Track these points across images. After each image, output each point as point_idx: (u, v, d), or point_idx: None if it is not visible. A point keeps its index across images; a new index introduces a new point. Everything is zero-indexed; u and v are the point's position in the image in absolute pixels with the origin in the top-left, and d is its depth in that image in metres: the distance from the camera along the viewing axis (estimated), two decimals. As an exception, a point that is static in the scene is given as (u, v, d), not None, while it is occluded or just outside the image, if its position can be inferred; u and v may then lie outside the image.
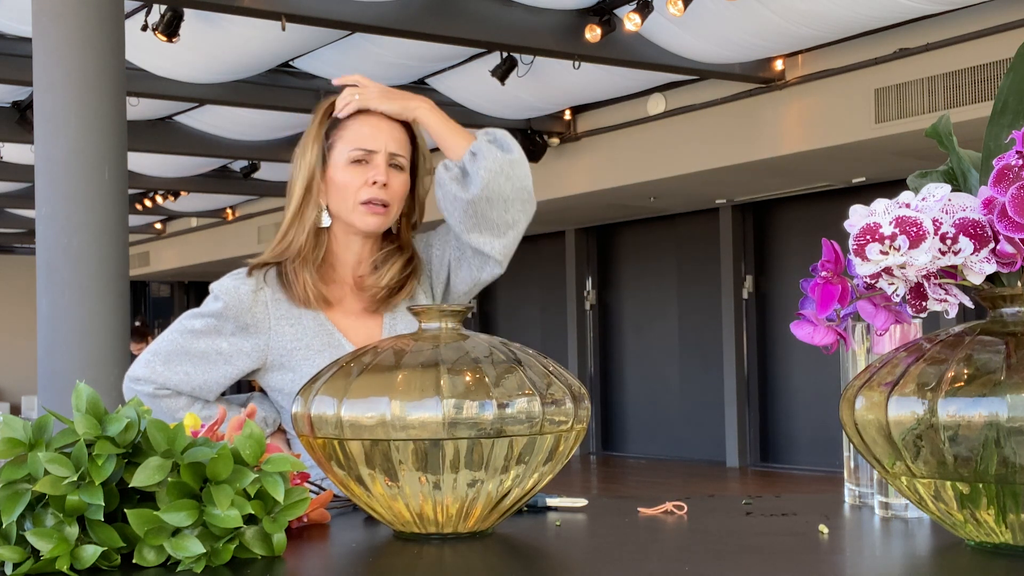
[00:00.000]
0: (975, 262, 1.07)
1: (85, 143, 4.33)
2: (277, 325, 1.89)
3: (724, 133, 8.76)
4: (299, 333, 1.89)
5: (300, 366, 1.87)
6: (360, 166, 1.90)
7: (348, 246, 1.94)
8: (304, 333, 1.89)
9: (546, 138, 10.08)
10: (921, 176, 1.20)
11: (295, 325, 1.89)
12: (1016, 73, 1.16)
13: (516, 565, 1.18)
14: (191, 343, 1.88)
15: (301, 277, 1.89)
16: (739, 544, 1.22)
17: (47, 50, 4.37)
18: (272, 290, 1.91)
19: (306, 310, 1.90)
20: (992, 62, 7.01)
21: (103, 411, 1.12)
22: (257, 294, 1.89)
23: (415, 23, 6.76)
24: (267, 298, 1.90)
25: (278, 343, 1.88)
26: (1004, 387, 1.05)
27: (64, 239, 4.31)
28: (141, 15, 6.75)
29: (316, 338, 1.89)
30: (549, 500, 1.47)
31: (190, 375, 1.87)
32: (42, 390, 4.44)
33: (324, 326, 1.90)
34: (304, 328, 1.89)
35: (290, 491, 1.15)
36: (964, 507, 1.09)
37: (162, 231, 16.82)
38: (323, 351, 1.87)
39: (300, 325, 1.89)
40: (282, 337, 1.88)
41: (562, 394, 1.24)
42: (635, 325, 12.58)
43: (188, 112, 9.84)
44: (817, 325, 1.20)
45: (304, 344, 1.88)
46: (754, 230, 11.23)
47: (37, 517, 1.08)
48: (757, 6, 6.85)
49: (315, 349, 1.88)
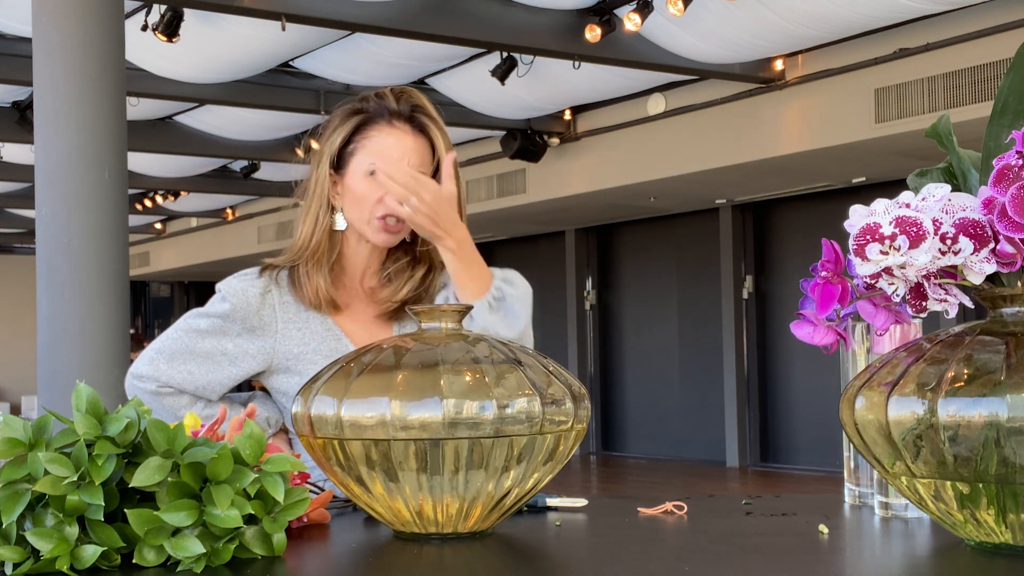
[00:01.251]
0: (975, 262, 1.07)
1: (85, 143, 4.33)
2: (285, 328, 1.87)
3: (724, 133, 8.76)
4: (306, 337, 1.87)
5: (306, 370, 1.85)
6: (377, 180, 1.85)
7: (359, 252, 1.92)
8: (312, 337, 1.88)
9: (546, 138, 10.08)
10: (921, 176, 1.20)
11: (302, 329, 1.88)
12: (1016, 73, 1.16)
13: (516, 565, 1.18)
14: (196, 342, 1.86)
15: (314, 279, 1.87)
16: (739, 544, 1.22)
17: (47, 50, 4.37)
18: (281, 292, 1.89)
19: (314, 314, 1.88)
20: (992, 62, 7.01)
21: (103, 411, 1.12)
22: (265, 296, 1.87)
23: (415, 23, 6.76)
24: (275, 301, 1.88)
25: (285, 347, 1.87)
26: (1004, 387, 1.05)
27: (64, 239, 4.31)
28: (141, 15, 6.76)
29: (324, 343, 1.87)
30: (549, 500, 1.47)
31: (193, 374, 1.86)
32: (42, 390, 4.44)
33: (332, 331, 1.89)
34: (312, 332, 1.88)
35: (290, 491, 1.15)
36: (964, 507, 1.09)
37: (162, 231, 16.82)
38: (330, 356, 1.85)
39: (308, 329, 1.88)
40: (289, 341, 1.87)
41: (562, 394, 1.24)
42: (635, 325, 12.58)
43: (188, 112, 9.85)
44: (817, 325, 1.20)
45: (311, 348, 1.87)
46: (754, 230, 11.23)
47: (37, 517, 1.08)
48: (757, 6, 6.85)
49: (322, 354, 1.86)
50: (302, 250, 1.89)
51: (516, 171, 10.61)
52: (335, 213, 1.90)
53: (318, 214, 1.89)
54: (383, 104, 1.89)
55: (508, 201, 10.85)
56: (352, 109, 1.91)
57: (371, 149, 1.87)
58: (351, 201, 1.89)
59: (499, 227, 12.58)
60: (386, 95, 1.90)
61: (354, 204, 1.88)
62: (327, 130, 1.92)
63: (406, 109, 1.89)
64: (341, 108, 1.93)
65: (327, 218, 1.90)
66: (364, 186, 1.87)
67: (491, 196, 10.93)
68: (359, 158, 1.88)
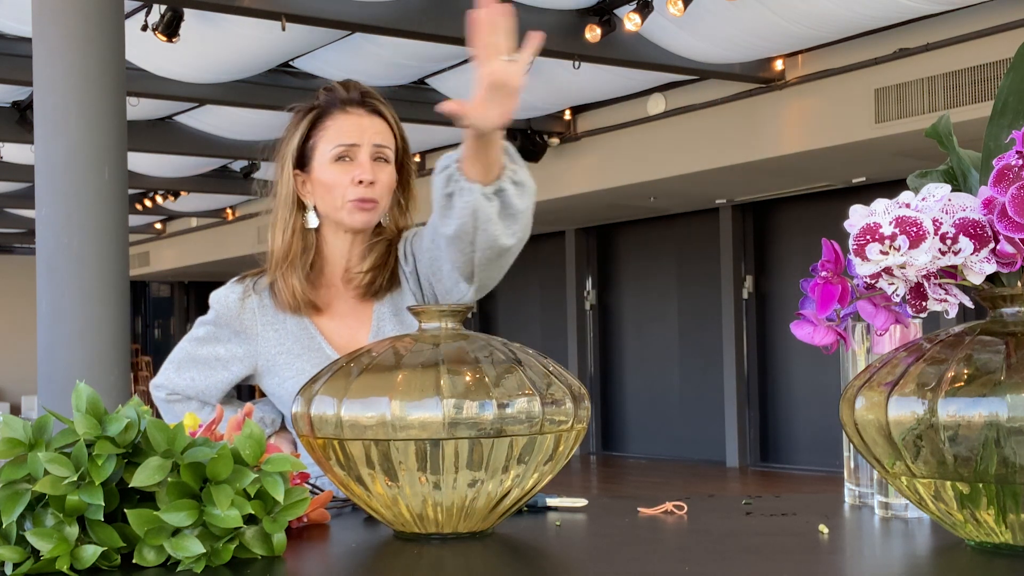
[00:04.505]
0: (975, 262, 1.07)
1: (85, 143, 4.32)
2: (263, 332, 1.92)
3: (724, 133, 8.76)
4: (281, 338, 1.91)
5: (282, 371, 1.89)
6: (345, 164, 1.88)
7: (336, 246, 1.93)
8: (286, 338, 1.91)
9: (546, 138, 10.08)
10: (921, 176, 1.20)
11: (279, 331, 1.91)
12: (1016, 73, 1.16)
13: (516, 565, 1.18)
14: (196, 350, 1.95)
15: (289, 283, 1.89)
16: (739, 544, 1.22)
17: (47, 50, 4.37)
18: (260, 297, 1.93)
19: (290, 315, 1.91)
20: (992, 62, 7.01)
21: (103, 411, 1.12)
22: (244, 301, 1.92)
23: (415, 23, 6.76)
24: (254, 305, 1.92)
25: (264, 349, 1.91)
26: (1004, 387, 1.05)
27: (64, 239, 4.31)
28: (141, 15, 6.75)
29: (297, 342, 1.90)
30: (549, 500, 1.47)
31: (195, 380, 1.93)
32: (42, 390, 4.44)
33: (307, 330, 1.91)
34: (286, 333, 1.91)
35: (290, 491, 1.15)
36: (964, 507, 1.09)
37: (162, 231, 16.82)
38: (302, 355, 1.89)
39: (283, 330, 1.91)
40: (267, 343, 1.91)
41: (562, 394, 1.24)
42: (635, 325, 12.58)
43: (188, 112, 9.84)
44: (817, 325, 1.20)
45: (285, 349, 1.90)
46: (754, 230, 11.23)
47: (37, 517, 1.08)
48: (757, 6, 6.85)
49: (295, 353, 1.90)
50: (277, 258, 1.91)
51: (516, 171, 10.59)
52: (306, 212, 1.92)
53: (288, 218, 1.92)
54: (333, 95, 1.93)
55: (508, 201, 10.83)
56: (304, 108, 1.95)
57: (331, 136, 1.90)
58: (322, 192, 1.91)
59: (499, 227, 12.55)
60: (335, 87, 1.94)
61: (325, 194, 1.90)
62: (284, 134, 1.96)
63: (356, 96, 1.92)
64: (293, 111, 1.97)
65: (298, 219, 1.92)
66: (333, 173, 1.89)
67: (491, 196, 10.90)
68: (322, 148, 1.91)
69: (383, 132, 1.92)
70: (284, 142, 1.95)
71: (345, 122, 1.91)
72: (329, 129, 1.91)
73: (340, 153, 1.89)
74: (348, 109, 1.91)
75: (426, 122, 8.00)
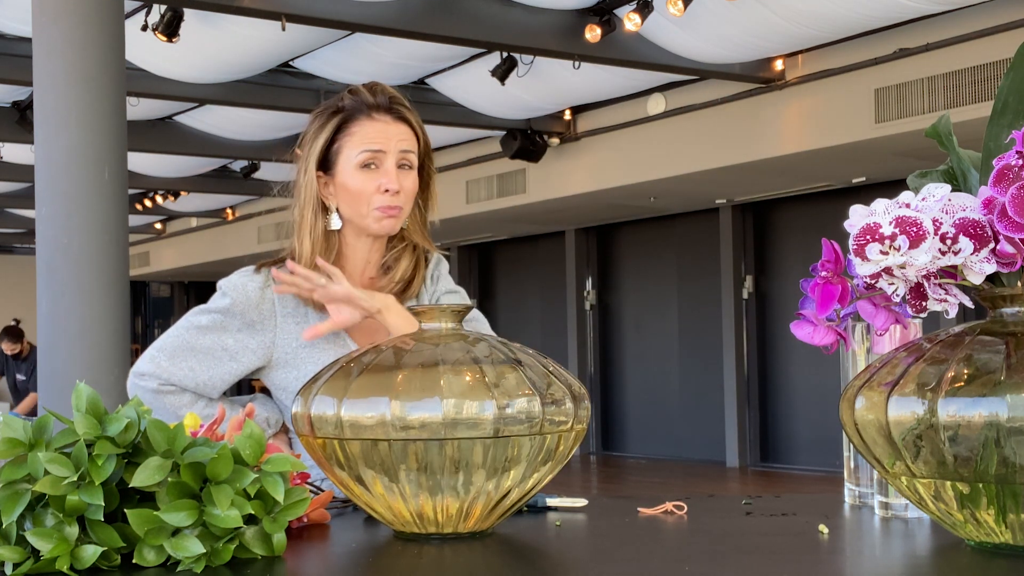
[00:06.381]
0: (975, 262, 1.07)
1: (85, 143, 4.33)
2: (283, 322, 1.89)
3: (724, 133, 8.76)
4: (304, 330, 1.88)
5: (304, 364, 1.87)
6: (370, 171, 1.88)
7: (358, 248, 1.94)
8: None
9: (546, 138, 10.08)
10: (921, 176, 1.20)
11: (301, 323, 1.89)
12: (1016, 73, 1.16)
13: (516, 565, 1.18)
14: (197, 339, 1.87)
15: None
16: (739, 544, 1.22)
17: (47, 50, 4.37)
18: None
19: (312, 310, 1.90)
20: (992, 62, 7.01)
21: (103, 411, 1.12)
22: (264, 291, 1.89)
23: (415, 23, 6.76)
24: (274, 295, 1.89)
25: (283, 340, 1.88)
26: (1004, 387, 1.05)
27: (64, 239, 4.31)
28: (141, 15, 6.75)
29: (323, 337, 1.88)
30: (549, 500, 1.47)
31: (195, 371, 1.86)
32: (42, 390, 4.44)
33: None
34: (309, 326, 1.88)
35: (290, 491, 1.15)
36: (964, 507, 1.09)
37: (162, 231, 16.82)
38: (328, 349, 1.87)
39: (306, 323, 1.89)
40: (287, 335, 1.88)
41: (562, 394, 1.24)
42: (635, 325, 12.58)
43: (188, 112, 9.84)
44: (817, 325, 1.20)
45: (309, 342, 1.88)
46: (754, 230, 11.23)
47: (37, 517, 1.08)
48: (757, 6, 6.85)
49: (320, 347, 1.87)
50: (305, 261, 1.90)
51: (516, 171, 10.61)
52: (329, 214, 1.92)
53: (312, 220, 1.91)
54: (359, 99, 1.91)
55: (508, 201, 10.85)
56: (330, 109, 1.93)
57: (357, 143, 1.89)
58: (347, 198, 1.90)
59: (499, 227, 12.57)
60: (360, 91, 1.92)
61: (351, 200, 1.90)
62: (308, 135, 1.94)
63: (384, 100, 1.92)
64: (318, 112, 1.95)
65: (321, 220, 1.91)
66: (359, 180, 1.88)
67: (491, 196, 10.92)
68: (347, 154, 1.89)
69: (408, 138, 1.92)
70: (307, 144, 1.93)
71: (371, 128, 1.89)
72: (355, 135, 1.90)
73: (366, 160, 1.88)
74: (375, 115, 1.90)
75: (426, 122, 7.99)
